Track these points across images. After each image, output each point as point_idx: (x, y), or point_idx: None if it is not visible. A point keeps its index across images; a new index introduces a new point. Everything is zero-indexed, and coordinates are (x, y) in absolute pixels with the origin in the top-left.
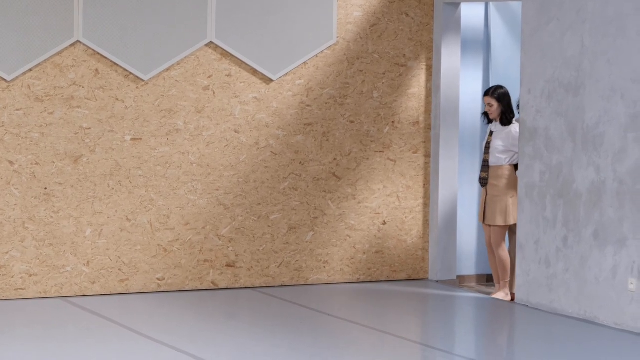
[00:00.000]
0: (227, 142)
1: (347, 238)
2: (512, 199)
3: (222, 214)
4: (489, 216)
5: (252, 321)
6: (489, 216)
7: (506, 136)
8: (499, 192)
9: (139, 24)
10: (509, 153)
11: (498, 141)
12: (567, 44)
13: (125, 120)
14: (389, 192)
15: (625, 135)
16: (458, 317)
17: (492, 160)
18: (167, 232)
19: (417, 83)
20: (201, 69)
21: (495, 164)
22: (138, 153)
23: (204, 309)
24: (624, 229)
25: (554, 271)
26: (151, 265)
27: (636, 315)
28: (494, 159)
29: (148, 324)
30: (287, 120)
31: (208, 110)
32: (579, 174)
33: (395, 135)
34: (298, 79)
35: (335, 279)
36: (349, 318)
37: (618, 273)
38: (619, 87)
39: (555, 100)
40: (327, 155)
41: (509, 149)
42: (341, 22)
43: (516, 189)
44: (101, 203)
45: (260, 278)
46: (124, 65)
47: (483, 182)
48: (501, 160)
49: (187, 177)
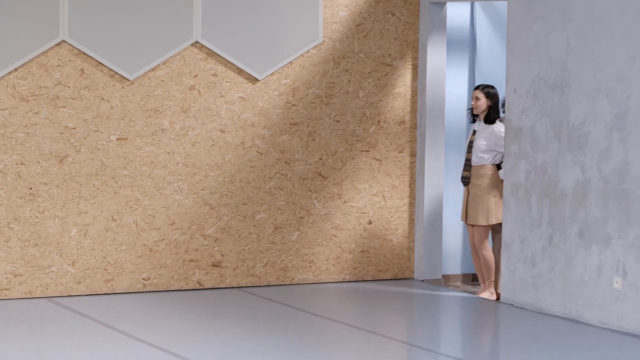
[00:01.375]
0: (213, 142)
1: (333, 237)
2: (494, 198)
3: (207, 214)
4: (471, 216)
5: (238, 321)
6: (471, 216)
7: (489, 135)
8: (481, 191)
9: (124, 24)
10: (492, 152)
11: (481, 140)
12: (553, 43)
13: (111, 120)
14: (374, 192)
15: (610, 135)
16: (444, 317)
17: (475, 160)
18: (152, 232)
19: (402, 82)
20: (187, 69)
21: (477, 164)
22: (123, 153)
23: (190, 308)
24: (608, 228)
25: (540, 270)
26: (137, 265)
27: (621, 314)
28: (476, 158)
29: (134, 324)
30: (272, 120)
31: (194, 110)
32: (564, 173)
33: (381, 134)
34: (284, 78)
35: (321, 279)
36: (335, 317)
37: (603, 272)
38: (604, 87)
39: (541, 100)
40: (313, 155)
41: (491, 149)
42: (327, 22)
43: (499, 189)
44: (86, 203)
45: (245, 278)
46: (109, 65)
47: (465, 181)
48: (484, 159)
49: (172, 177)
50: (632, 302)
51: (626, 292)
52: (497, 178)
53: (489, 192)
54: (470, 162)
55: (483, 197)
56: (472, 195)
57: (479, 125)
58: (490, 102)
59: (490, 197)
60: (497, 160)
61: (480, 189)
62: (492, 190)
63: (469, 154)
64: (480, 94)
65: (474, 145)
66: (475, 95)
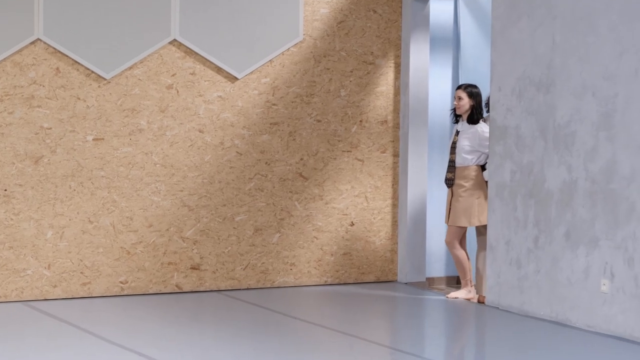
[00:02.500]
0: (192, 142)
1: (315, 240)
2: (478, 200)
3: (186, 216)
4: (452, 217)
5: (217, 325)
6: (452, 217)
7: (473, 136)
8: (465, 192)
9: (101, 22)
10: (476, 153)
11: (464, 141)
12: (538, 40)
13: (87, 120)
14: (356, 193)
15: (596, 134)
16: (427, 320)
17: (459, 161)
18: (130, 234)
19: (385, 81)
20: (164, 67)
21: (461, 165)
22: (100, 153)
23: (168, 312)
24: (596, 229)
25: (525, 272)
26: (114, 268)
27: (609, 317)
28: (460, 159)
29: (111, 328)
30: (252, 120)
31: (172, 110)
32: (550, 173)
33: (363, 134)
34: (264, 77)
35: (302, 282)
36: (316, 321)
37: (590, 274)
38: (590, 85)
39: (526, 98)
40: (294, 155)
41: (475, 149)
42: (308, 19)
43: (483, 190)
44: (62, 205)
45: (225, 281)
46: (85, 63)
47: (449, 182)
48: (467, 160)
49: (150, 178)
50: (620, 304)
51: (614, 294)
52: (482, 179)
53: (473, 193)
54: (454, 164)
55: (467, 198)
56: (456, 197)
57: (462, 125)
58: (473, 101)
59: (474, 198)
60: (481, 161)
61: (465, 191)
62: (477, 192)
63: (453, 155)
64: (463, 93)
65: (458, 146)
66: (458, 95)
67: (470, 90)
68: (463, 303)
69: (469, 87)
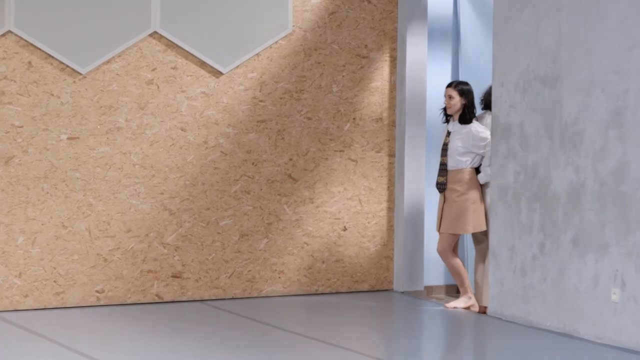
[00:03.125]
0: (173, 141)
1: (305, 245)
2: (473, 205)
3: (167, 220)
4: (445, 224)
5: (200, 337)
6: (444, 224)
7: (466, 136)
8: (460, 198)
9: (76, 12)
10: (470, 155)
11: (457, 142)
12: (543, 33)
13: (61, 118)
14: (349, 195)
15: (606, 132)
16: (425, 332)
17: (451, 164)
18: (107, 240)
19: (380, 76)
20: (144, 62)
21: (454, 168)
22: (75, 153)
23: (148, 324)
24: (605, 234)
25: (530, 281)
26: (90, 276)
27: (619, 329)
28: (453, 161)
29: (86, 341)
30: (238, 117)
31: (152, 107)
32: (556, 174)
33: (356, 133)
34: (250, 71)
35: (291, 291)
36: (306, 333)
37: (600, 282)
38: (599, 80)
39: (530, 95)
40: (283, 155)
41: (469, 151)
42: (297, 10)
43: (478, 194)
44: (35, 208)
45: (209, 290)
46: (59, 57)
47: (441, 187)
48: (461, 163)
49: (129, 180)
50: (632, 315)
51: (625, 304)
52: (477, 182)
53: (468, 198)
54: (445, 167)
55: (461, 203)
56: (449, 202)
57: (454, 125)
58: (464, 100)
59: (469, 203)
60: (475, 163)
61: (459, 195)
62: (472, 196)
63: (444, 158)
64: (454, 91)
65: (450, 148)
66: (448, 93)
67: (462, 88)
68: (463, 313)
69: (460, 84)
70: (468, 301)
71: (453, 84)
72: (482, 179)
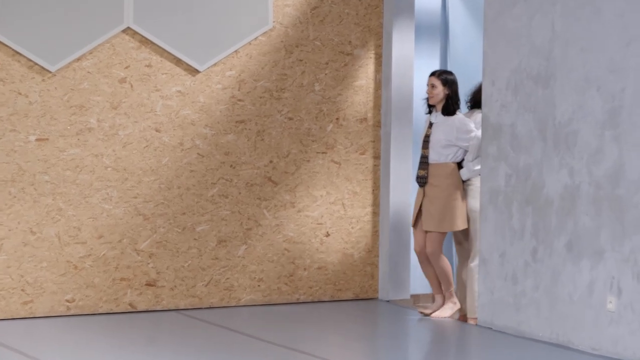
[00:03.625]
0: (147, 143)
1: (285, 252)
2: (455, 202)
3: (141, 226)
4: (427, 221)
5: (176, 348)
6: (427, 221)
7: (449, 128)
8: (441, 193)
9: (45, 7)
10: (453, 148)
11: (439, 134)
12: (536, 29)
13: (30, 118)
14: (332, 199)
15: (602, 133)
16: (412, 343)
17: (433, 157)
18: (77, 246)
19: (364, 74)
20: (117, 59)
21: (436, 161)
22: (44, 156)
23: (120, 334)
24: (601, 239)
25: (522, 289)
26: (59, 285)
27: (615, 339)
28: (434, 155)
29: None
30: (215, 117)
31: (125, 106)
32: (549, 177)
33: (339, 134)
34: (228, 69)
35: (271, 299)
36: (287, 344)
37: (595, 290)
38: (595, 78)
39: (523, 94)
40: (262, 157)
41: (452, 144)
42: (278, 5)
43: (460, 191)
44: (1, 213)
45: (185, 299)
46: (27, 54)
47: (421, 181)
48: (443, 156)
49: (100, 183)
50: (628, 324)
51: (621, 313)
52: (459, 178)
53: (451, 194)
54: (427, 160)
55: (443, 199)
56: (430, 198)
57: (436, 117)
58: (448, 90)
59: (452, 199)
60: (458, 157)
61: (440, 191)
62: (454, 192)
63: (425, 150)
64: (437, 80)
65: (432, 140)
66: (431, 82)
67: (445, 78)
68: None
69: (444, 73)
70: (454, 307)
71: (437, 72)
72: (464, 175)
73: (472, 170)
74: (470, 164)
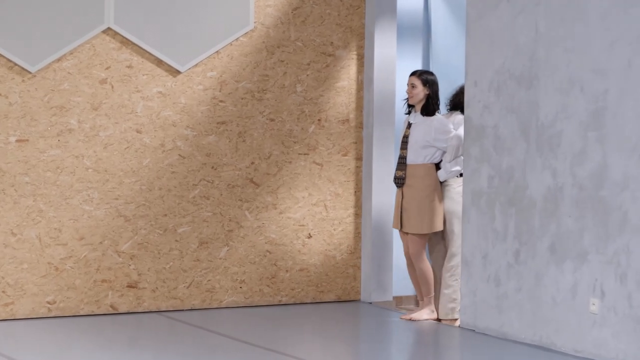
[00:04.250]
0: (128, 144)
1: (267, 254)
2: (433, 202)
3: (122, 227)
4: (407, 223)
5: (157, 350)
6: (406, 223)
7: (428, 129)
8: (418, 194)
9: (25, 7)
10: (431, 149)
11: (418, 135)
12: (519, 29)
13: (9, 119)
14: (314, 201)
15: (585, 134)
16: (394, 345)
17: (411, 158)
18: (58, 248)
19: (346, 75)
20: (97, 60)
21: (414, 162)
22: (24, 157)
23: (102, 336)
24: (584, 241)
25: (505, 291)
26: (40, 286)
27: (599, 341)
28: (412, 155)
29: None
30: (197, 119)
31: (106, 107)
32: (532, 178)
33: (321, 135)
34: (210, 70)
35: (253, 301)
36: (269, 346)
37: (578, 292)
38: (578, 79)
39: (506, 94)
40: (244, 159)
41: (430, 144)
42: (259, 5)
43: (438, 192)
44: None
45: (166, 300)
46: (7, 54)
47: (399, 182)
48: (421, 157)
49: (81, 185)
50: (611, 327)
51: (604, 315)
52: (437, 179)
53: (428, 195)
54: (405, 160)
55: (422, 201)
56: (408, 199)
57: (415, 117)
58: (428, 90)
59: (430, 201)
60: (436, 158)
61: (418, 192)
62: (432, 193)
63: (404, 151)
64: (417, 80)
65: (410, 141)
66: (411, 82)
67: (426, 77)
68: (434, 325)
69: (424, 73)
70: (430, 314)
71: (417, 72)
72: (441, 176)
73: (450, 171)
74: (447, 165)
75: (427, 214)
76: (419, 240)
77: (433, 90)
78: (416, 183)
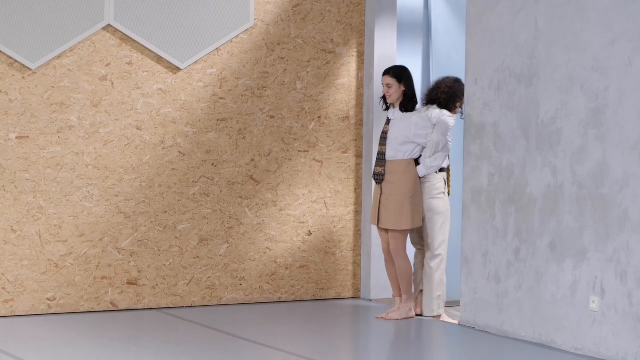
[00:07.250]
0: (128, 141)
1: (267, 251)
2: (412, 198)
3: (122, 224)
4: (385, 219)
5: (157, 347)
6: (384, 219)
7: (407, 125)
8: (397, 190)
9: (25, 4)
10: (410, 145)
11: (397, 131)
12: (519, 27)
13: (10, 116)
14: (314, 198)
15: (585, 132)
16: (394, 343)
17: (390, 154)
18: (58, 244)
19: (346, 72)
20: (98, 56)
21: (393, 158)
22: (25, 153)
23: (102, 333)
24: (584, 239)
25: (505, 288)
26: (40, 283)
27: (598, 339)
28: (391, 151)
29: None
30: (197, 116)
31: (106, 104)
32: (532, 176)
33: (322, 132)
34: (210, 67)
35: (253, 299)
36: (269, 343)
37: (578, 290)
38: (578, 77)
39: (506, 92)
40: (244, 156)
41: (410, 140)
42: (259, 2)
43: (417, 188)
44: None
45: (166, 297)
46: (7, 51)
47: (378, 178)
48: (400, 153)
49: (81, 181)
50: (612, 325)
51: (605, 313)
52: (416, 175)
53: (408, 191)
54: (384, 157)
55: (400, 197)
56: (387, 195)
57: (394, 113)
58: (404, 86)
59: (409, 197)
60: (415, 154)
61: (397, 188)
62: (411, 189)
63: (383, 147)
64: (391, 79)
65: (389, 137)
66: (386, 82)
67: (399, 74)
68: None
69: (397, 69)
70: (408, 313)
71: (390, 71)
72: (421, 172)
73: (430, 167)
74: (427, 161)
75: (407, 210)
76: (399, 236)
77: (408, 85)
78: (395, 179)
